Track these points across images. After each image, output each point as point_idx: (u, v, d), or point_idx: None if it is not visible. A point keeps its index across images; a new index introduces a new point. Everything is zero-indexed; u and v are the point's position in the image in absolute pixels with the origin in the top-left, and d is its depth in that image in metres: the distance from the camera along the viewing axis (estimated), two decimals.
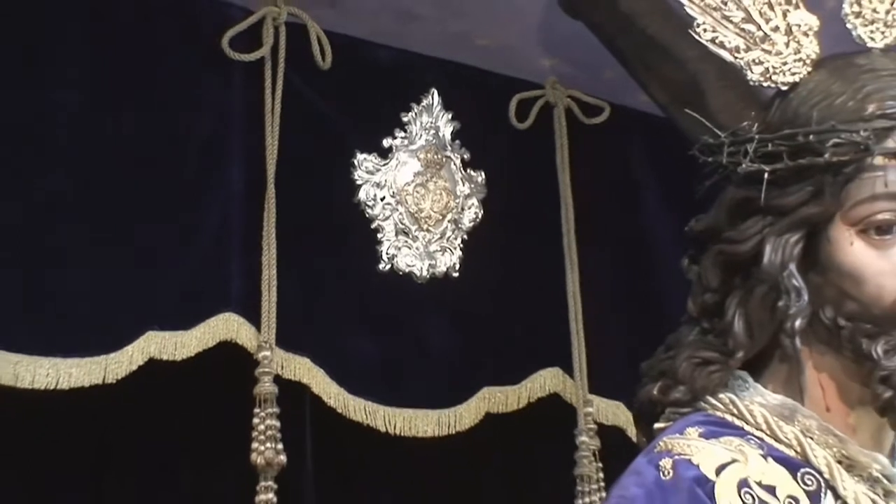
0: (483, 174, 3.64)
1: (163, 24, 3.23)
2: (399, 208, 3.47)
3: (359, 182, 3.43)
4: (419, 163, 3.53)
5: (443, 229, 3.53)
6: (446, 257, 3.51)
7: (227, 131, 3.25)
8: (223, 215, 3.20)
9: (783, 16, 1.60)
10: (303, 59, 3.38)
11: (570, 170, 3.74)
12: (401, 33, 3.53)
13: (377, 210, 3.44)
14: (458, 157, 3.61)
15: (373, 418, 3.27)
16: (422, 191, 3.52)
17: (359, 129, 3.47)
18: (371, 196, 3.44)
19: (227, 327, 3.10)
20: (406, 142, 3.53)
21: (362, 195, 3.43)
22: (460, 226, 3.56)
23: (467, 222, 3.58)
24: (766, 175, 1.51)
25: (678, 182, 3.54)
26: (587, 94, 3.82)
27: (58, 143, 3.03)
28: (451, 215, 3.55)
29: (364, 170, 3.45)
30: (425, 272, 3.47)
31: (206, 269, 3.14)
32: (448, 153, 3.59)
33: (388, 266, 3.43)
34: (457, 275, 3.52)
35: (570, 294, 3.64)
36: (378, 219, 3.44)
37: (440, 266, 3.49)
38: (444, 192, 3.55)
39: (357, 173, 3.44)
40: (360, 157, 3.45)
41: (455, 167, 3.60)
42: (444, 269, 3.50)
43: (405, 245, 3.45)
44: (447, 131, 3.60)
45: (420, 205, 3.50)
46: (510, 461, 3.52)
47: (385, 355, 3.37)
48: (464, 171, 3.61)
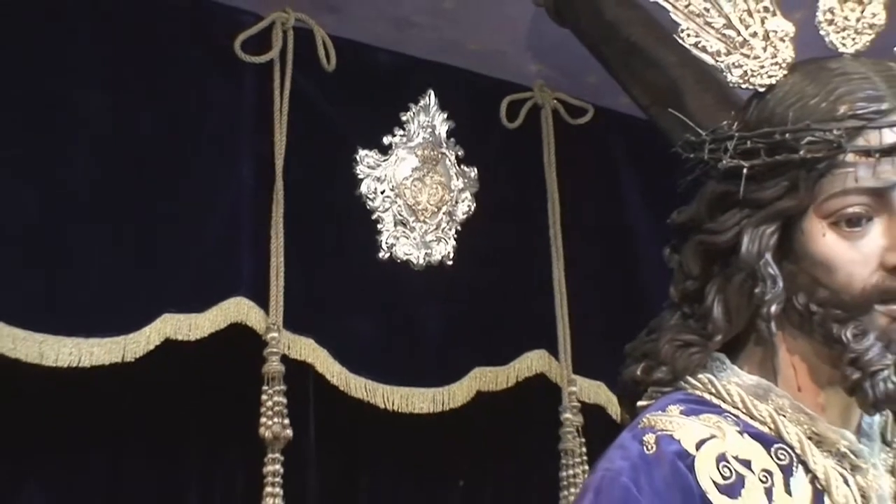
0: (476, 170, 3.63)
1: (180, 29, 3.22)
2: (398, 201, 3.46)
3: (360, 176, 3.42)
4: (417, 159, 3.53)
5: (438, 221, 3.52)
6: (441, 246, 3.50)
7: (239, 128, 3.25)
8: (235, 207, 3.18)
9: (761, 22, 1.59)
10: (309, 62, 3.37)
11: (556, 166, 3.73)
12: (400, 39, 3.53)
13: (377, 202, 3.43)
14: (453, 153, 3.60)
15: (372, 395, 3.26)
16: (419, 185, 3.51)
17: (361, 127, 3.46)
18: (372, 189, 3.43)
19: (237, 310, 3.09)
20: (405, 139, 3.52)
21: (364, 188, 3.42)
22: (454, 217, 3.55)
23: (461, 214, 3.57)
24: (744, 170, 1.50)
25: (657, 178, 3.58)
26: (572, 96, 3.81)
27: (80, 137, 3.01)
28: (445, 208, 3.54)
29: (365, 165, 3.44)
30: (422, 260, 3.46)
31: (218, 257, 3.13)
32: (443, 150, 3.58)
33: (388, 254, 3.42)
34: (451, 263, 3.51)
35: (555, 282, 3.64)
36: (378, 210, 3.43)
37: (435, 255, 3.48)
38: (439, 187, 3.54)
39: (359, 168, 3.43)
40: (362, 153, 3.45)
41: (450, 163, 3.59)
42: (440, 257, 3.49)
43: (403, 235, 3.44)
44: (443, 130, 3.59)
45: (417, 198, 3.50)
46: (500, 436, 3.51)
47: (384, 337, 3.37)
48: (458, 167, 3.60)
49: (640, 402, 1.62)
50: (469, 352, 3.46)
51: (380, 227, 3.42)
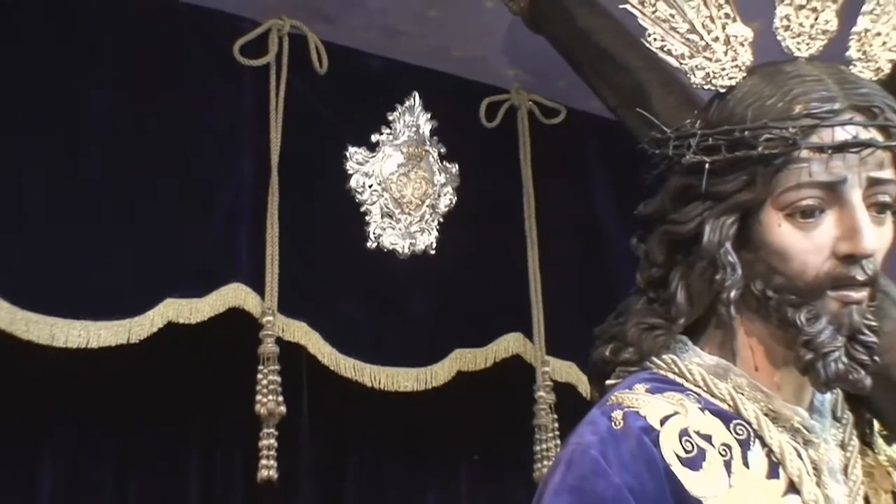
0: (457, 166, 3.62)
1: (184, 34, 3.21)
2: (384, 194, 3.45)
3: (350, 172, 3.41)
4: (402, 156, 3.51)
5: (422, 213, 3.51)
6: (425, 237, 3.49)
7: (239, 126, 3.23)
8: (234, 199, 3.17)
9: (722, 28, 1.58)
10: (303, 66, 3.35)
11: (531, 163, 3.72)
12: (388, 45, 3.52)
13: (366, 196, 3.42)
14: (436, 151, 3.59)
15: (360, 375, 3.26)
16: (404, 179, 3.50)
17: (350, 126, 3.45)
18: (360, 184, 3.42)
19: (235, 295, 3.08)
20: (391, 137, 3.51)
21: (353, 183, 3.41)
22: (437, 210, 3.54)
23: (443, 207, 3.56)
24: (706, 165, 1.49)
25: (625, 173, 3.58)
26: (546, 98, 3.80)
27: (92, 133, 3.00)
28: (429, 201, 3.53)
29: (355, 161, 3.43)
30: (407, 250, 3.45)
31: (218, 246, 3.12)
32: (427, 147, 3.57)
33: (375, 244, 3.40)
34: (434, 252, 3.50)
35: (530, 270, 3.62)
36: (366, 203, 3.42)
37: (420, 244, 3.47)
38: (423, 181, 3.53)
39: (349, 164, 3.41)
40: (352, 150, 3.43)
41: (433, 160, 3.58)
42: (423, 247, 3.48)
43: (389, 226, 3.43)
44: (426, 129, 3.57)
45: (402, 192, 3.48)
46: (478, 413, 3.50)
47: (371, 321, 3.35)
48: (440, 163, 3.59)
49: (608, 381, 1.61)
50: (450, 334, 3.45)
51: (368, 218, 3.41)
